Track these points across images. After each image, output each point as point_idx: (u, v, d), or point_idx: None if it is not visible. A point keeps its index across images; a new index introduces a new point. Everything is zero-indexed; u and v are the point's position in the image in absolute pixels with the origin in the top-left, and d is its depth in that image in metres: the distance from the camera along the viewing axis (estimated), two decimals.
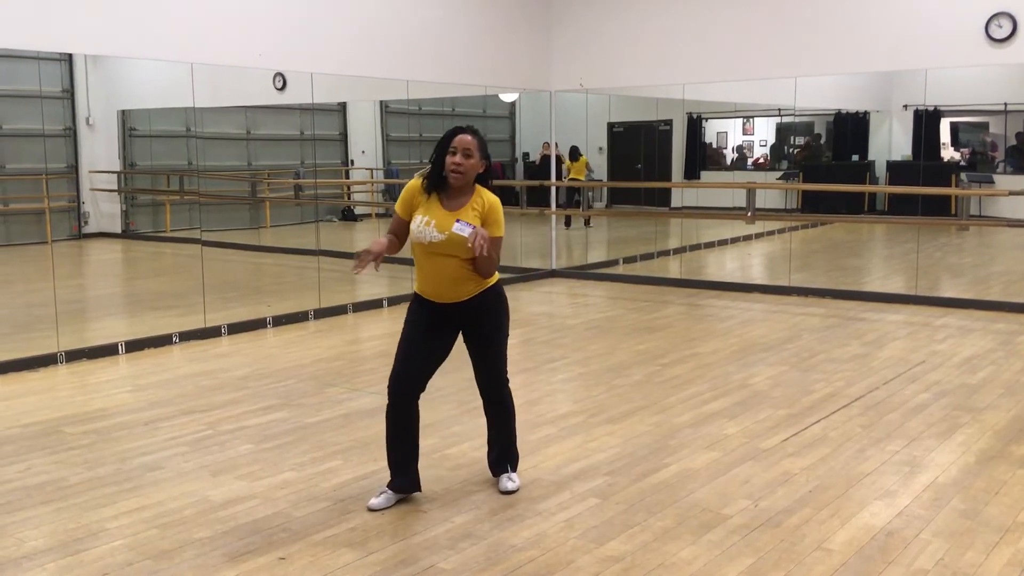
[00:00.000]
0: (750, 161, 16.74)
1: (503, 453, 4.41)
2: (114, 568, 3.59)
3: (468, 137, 4.02)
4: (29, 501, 4.28)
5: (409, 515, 4.09)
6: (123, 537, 3.87)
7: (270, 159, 13.64)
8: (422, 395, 4.23)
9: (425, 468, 4.44)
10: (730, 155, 17.00)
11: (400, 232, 4.18)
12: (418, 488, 4.26)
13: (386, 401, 4.20)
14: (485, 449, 4.50)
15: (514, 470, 4.41)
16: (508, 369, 4.35)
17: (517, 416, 4.46)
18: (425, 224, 4.03)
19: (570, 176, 14.99)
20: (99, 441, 5.16)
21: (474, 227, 3.97)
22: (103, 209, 12.11)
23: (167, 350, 7.57)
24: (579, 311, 9.59)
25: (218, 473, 4.63)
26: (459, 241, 3.98)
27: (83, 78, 11.92)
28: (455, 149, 4.01)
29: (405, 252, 4.25)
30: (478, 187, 4.12)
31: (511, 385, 4.39)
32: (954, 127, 14.57)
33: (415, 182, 4.13)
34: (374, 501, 4.15)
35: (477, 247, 3.87)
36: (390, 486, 4.21)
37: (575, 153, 15.11)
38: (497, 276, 4.24)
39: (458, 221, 4.00)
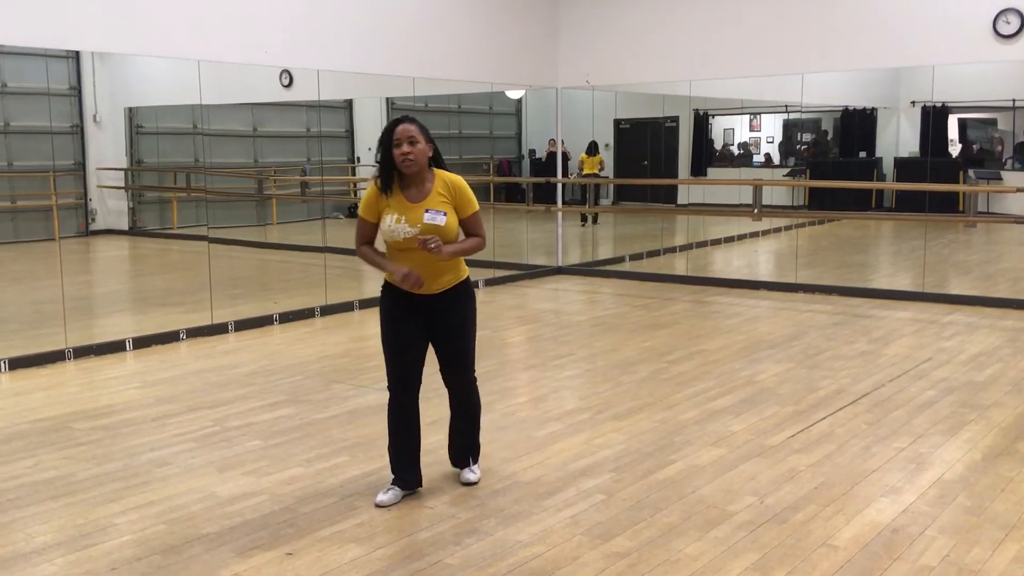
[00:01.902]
0: (756, 158, 16.70)
1: (467, 447, 4.43)
2: (122, 563, 3.61)
3: (409, 126, 4.01)
4: (38, 496, 4.30)
5: (415, 511, 4.10)
6: (131, 532, 3.89)
7: (277, 156, 13.67)
8: (423, 393, 4.24)
9: (431, 465, 4.45)
10: (736, 151, 16.96)
11: (372, 239, 4.17)
12: (420, 484, 4.29)
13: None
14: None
15: (476, 462, 4.44)
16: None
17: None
18: (396, 222, 4.02)
19: (584, 171, 15.00)
20: (107, 437, 5.19)
21: (445, 214, 4.00)
22: (110, 206, 12.15)
23: (174, 347, 7.60)
24: (585, 308, 9.59)
25: (225, 469, 4.65)
26: (434, 231, 3.98)
27: (90, 75, 11.96)
28: (399, 140, 3.98)
29: None
30: (436, 170, 4.11)
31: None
32: (962, 123, 14.52)
33: (372, 186, 4.10)
34: (382, 497, 4.16)
35: (432, 249, 3.90)
36: (396, 483, 4.23)
37: (593, 148, 15.11)
38: (467, 272, 4.22)
39: (428, 211, 4.01)
